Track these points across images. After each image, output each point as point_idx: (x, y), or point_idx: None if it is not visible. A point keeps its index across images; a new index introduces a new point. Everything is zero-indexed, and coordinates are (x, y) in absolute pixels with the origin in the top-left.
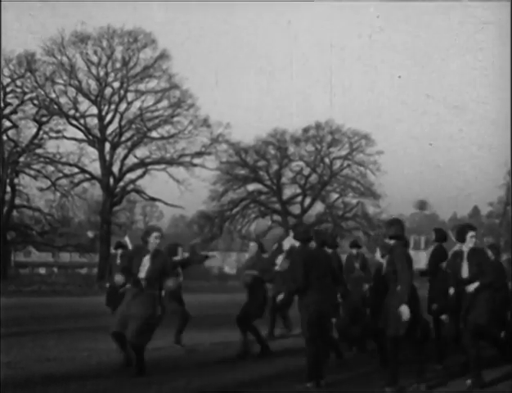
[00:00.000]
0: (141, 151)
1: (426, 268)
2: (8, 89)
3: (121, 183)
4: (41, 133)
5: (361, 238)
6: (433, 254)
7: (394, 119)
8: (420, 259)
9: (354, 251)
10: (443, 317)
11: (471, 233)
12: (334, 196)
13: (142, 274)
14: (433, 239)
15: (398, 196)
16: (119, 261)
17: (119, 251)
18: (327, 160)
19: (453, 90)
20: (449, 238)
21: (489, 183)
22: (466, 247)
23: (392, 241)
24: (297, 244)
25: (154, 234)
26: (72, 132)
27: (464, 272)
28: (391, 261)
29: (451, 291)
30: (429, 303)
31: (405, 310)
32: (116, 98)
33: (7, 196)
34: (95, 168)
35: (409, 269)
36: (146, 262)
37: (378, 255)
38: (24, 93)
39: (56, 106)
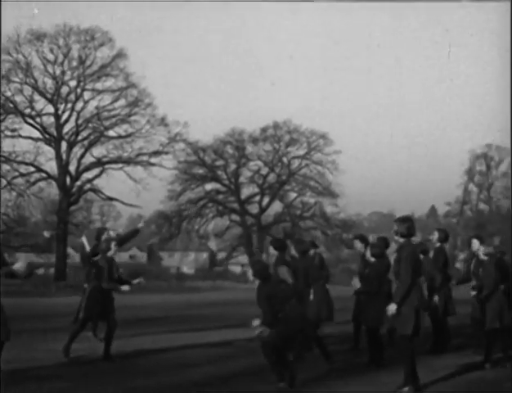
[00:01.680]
0: (98, 150)
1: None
2: None
3: (78, 183)
4: None
5: (319, 238)
6: (435, 255)
7: (352, 118)
8: None
9: (312, 251)
10: None
11: None
12: (293, 195)
13: None
14: (436, 239)
15: (356, 196)
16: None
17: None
18: (285, 160)
19: (415, 89)
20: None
21: (446, 183)
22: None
23: (401, 240)
24: None
25: None
26: (28, 130)
27: None
28: (399, 260)
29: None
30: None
31: (392, 308)
32: (73, 97)
33: None
34: (51, 167)
35: (414, 271)
36: None
37: (368, 254)
38: None
39: (11, 105)
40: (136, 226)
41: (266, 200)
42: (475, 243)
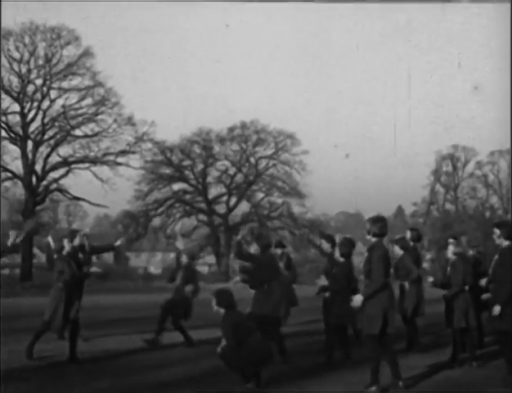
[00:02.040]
0: (65, 150)
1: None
2: None
3: (44, 182)
4: None
5: (286, 238)
6: (408, 254)
7: (320, 119)
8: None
9: (279, 251)
10: None
11: None
12: (260, 195)
13: None
14: (409, 238)
15: (323, 196)
16: None
17: None
18: (252, 160)
19: (388, 89)
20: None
21: (413, 183)
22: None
23: (373, 239)
24: None
25: None
26: None
27: None
28: (370, 260)
29: None
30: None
31: (357, 299)
32: (39, 95)
33: None
34: (17, 166)
35: (384, 270)
36: None
37: (337, 253)
38: None
39: None
40: (114, 243)
41: (233, 200)
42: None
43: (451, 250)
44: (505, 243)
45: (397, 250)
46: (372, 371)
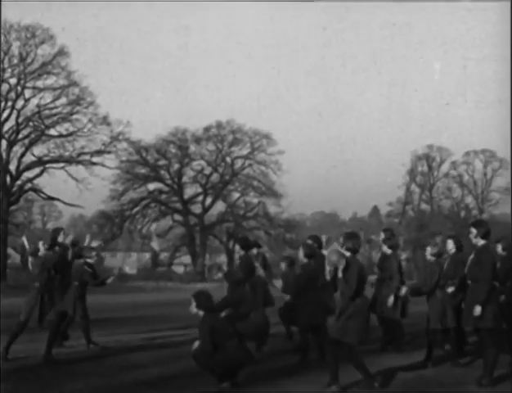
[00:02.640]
0: (39, 149)
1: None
2: None
3: (18, 182)
4: None
5: (262, 238)
6: (395, 256)
7: (296, 119)
8: None
9: (254, 251)
10: None
11: None
12: (236, 195)
13: None
14: (382, 239)
15: (299, 196)
16: None
17: None
18: (228, 160)
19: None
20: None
21: (388, 184)
22: None
23: (347, 253)
24: None
25: None
26: None
27: None
28: (345, 271)
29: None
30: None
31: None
32: (13, 95)
33: None
34: None
35: (358, 289)
36: None
37: (301, 254)
38: None
39: None
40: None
41: (209, 200)
42: (450, 243)
43: (428, 252)
44: (481, 242)
45: (385, 250)
46: (331, 372)
